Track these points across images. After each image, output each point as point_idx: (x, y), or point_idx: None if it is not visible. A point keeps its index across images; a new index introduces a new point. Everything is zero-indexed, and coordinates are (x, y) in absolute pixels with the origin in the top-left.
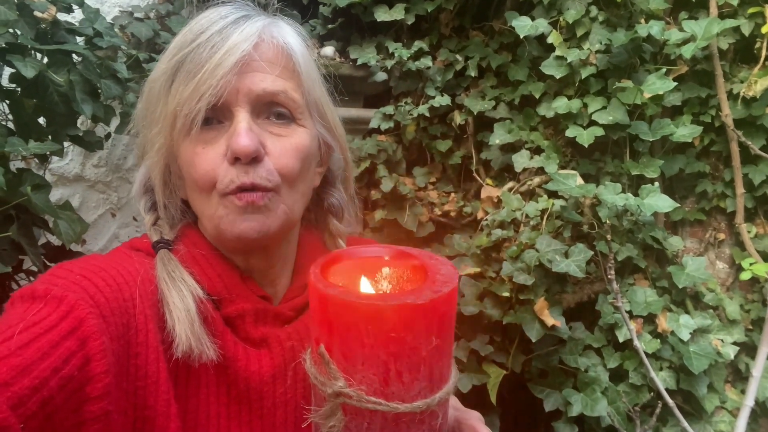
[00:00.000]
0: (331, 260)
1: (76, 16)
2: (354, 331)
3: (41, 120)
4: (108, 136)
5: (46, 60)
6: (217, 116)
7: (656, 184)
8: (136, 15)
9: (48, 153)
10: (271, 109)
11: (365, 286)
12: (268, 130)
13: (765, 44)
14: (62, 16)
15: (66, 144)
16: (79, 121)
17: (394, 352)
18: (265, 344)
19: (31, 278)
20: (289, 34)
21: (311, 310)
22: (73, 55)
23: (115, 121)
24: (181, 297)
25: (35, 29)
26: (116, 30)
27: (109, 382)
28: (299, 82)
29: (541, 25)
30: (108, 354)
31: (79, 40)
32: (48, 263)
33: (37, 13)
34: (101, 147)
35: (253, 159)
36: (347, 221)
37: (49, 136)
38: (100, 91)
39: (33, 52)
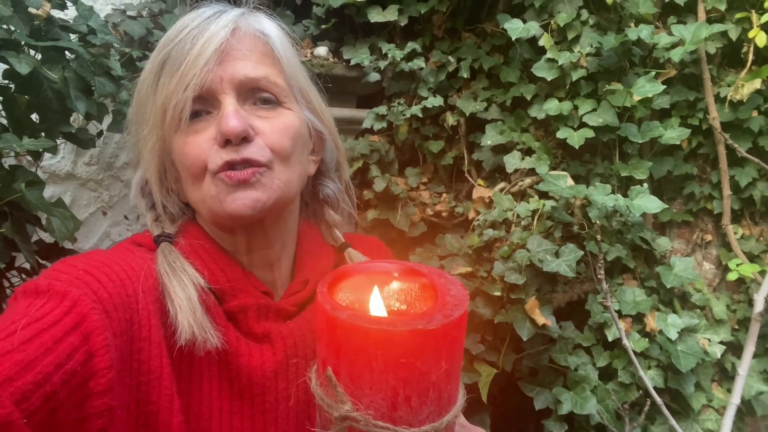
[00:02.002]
0: (339, 276)
1: (69, 14)
2: (363, 355)
3: (34, 117)
4: (100, 133)
5: (40, 57)
6: (205, 107)
7: (645, 185)
8: (128, 13)
9: (41, 150)
10: (256, 95)
11: (376, 301)
12: (255, 114)
13: (752, 49)
14: (56, 13)
15: (58, 141)
16: (71, 119)
17: (403, 377)
18: (267, 339)
19: (24, 275)
20: (265, 22)
21: (318, 330)
22: (67, 52)
23: (108, 119)
24: (182, 286)
25: (29, 26)
26: (109, 28)
27: (112, 377)
28: (280, 67)
29: (533, 27)
30: (111, 349)
31: (73, 37)
32: (41, 260)
33: (31, 10)
34: (94, 145)
35: (243, 139)
36: (343, 211)
37: (42, 133)
38: (93, 88)
39: (27, 48)
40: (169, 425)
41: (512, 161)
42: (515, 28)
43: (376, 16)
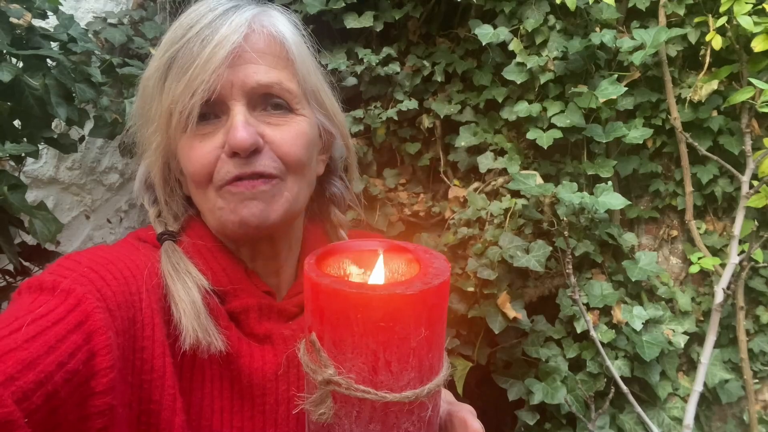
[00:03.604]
0: (327, 252)
1: (50, 22)
2: (344, 319)
3: (16, 123)
4: (82, 139)
5: (21, 65)
6: (213, 111)
7: (610, 183)
8: (109, 21)
9: (23, 154)
10: (267, 101)
11: (379, 269)
12: (266, 121)
13: (709, 51)
14: (37, 22)
15: (41, 146)
16: (53, 125)
17: (383, 341)
18: (269, 340)
19: (7, 277)
20: (280, 22)
21: (305, 298)
22: (48, 60)
23: (89, 125)
24: (186, 289)
25: (11, 35)
26: (90, 35)
27: (113, 377)
28: (294, 71)
29: (503, 33)
30: (113, 349)
31: (54, 45)
32: (24, 262)
33: (12, 20)
34: (75, 149)
35: (253, 152)
36: (349, 209)
37: (24, 139)
38: (74, 94)
39: (9, 57)
40: (171, 424)
41: (485, 161)
42: (486, 33)
43: (352, 22)
